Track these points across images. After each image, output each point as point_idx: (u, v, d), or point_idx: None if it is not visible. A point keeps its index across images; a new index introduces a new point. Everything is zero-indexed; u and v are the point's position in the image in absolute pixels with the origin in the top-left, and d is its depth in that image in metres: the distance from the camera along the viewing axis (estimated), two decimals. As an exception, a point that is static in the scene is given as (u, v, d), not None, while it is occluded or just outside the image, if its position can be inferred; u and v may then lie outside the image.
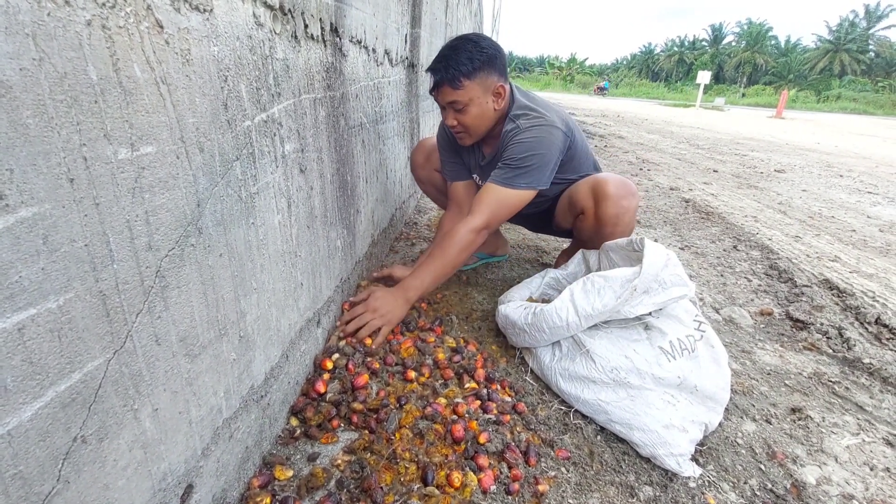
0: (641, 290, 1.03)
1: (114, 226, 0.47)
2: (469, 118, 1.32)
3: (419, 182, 1.84)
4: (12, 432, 0.38)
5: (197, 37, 0.57)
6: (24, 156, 0.37)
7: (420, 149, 1.75)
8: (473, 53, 1.24)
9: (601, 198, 1.36)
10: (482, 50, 1.25)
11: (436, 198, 1.87)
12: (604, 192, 1.36)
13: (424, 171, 1.76)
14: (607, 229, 1.38)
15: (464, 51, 1.24)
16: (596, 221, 1.40)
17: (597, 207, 1.38)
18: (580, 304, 1.09)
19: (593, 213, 1.39)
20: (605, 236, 1.39)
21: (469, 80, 1.25)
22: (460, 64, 1.23)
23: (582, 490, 0.90)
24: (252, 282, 0.76)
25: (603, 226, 1.38)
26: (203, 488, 0.67)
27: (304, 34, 0.89)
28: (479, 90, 1.28)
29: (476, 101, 1.29)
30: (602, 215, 1.37)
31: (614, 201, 1.35)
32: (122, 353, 0.49)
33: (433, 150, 1.70)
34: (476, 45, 1.25)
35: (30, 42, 0.37)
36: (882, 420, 1.14)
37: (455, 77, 1.24)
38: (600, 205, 1.36)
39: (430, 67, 1.29)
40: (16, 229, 0.37)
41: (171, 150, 0.54)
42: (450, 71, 1.24)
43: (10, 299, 0.37)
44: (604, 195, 1.35)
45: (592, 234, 1.43)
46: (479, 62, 1.25)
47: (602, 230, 1.39)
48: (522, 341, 1.24)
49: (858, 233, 2.69)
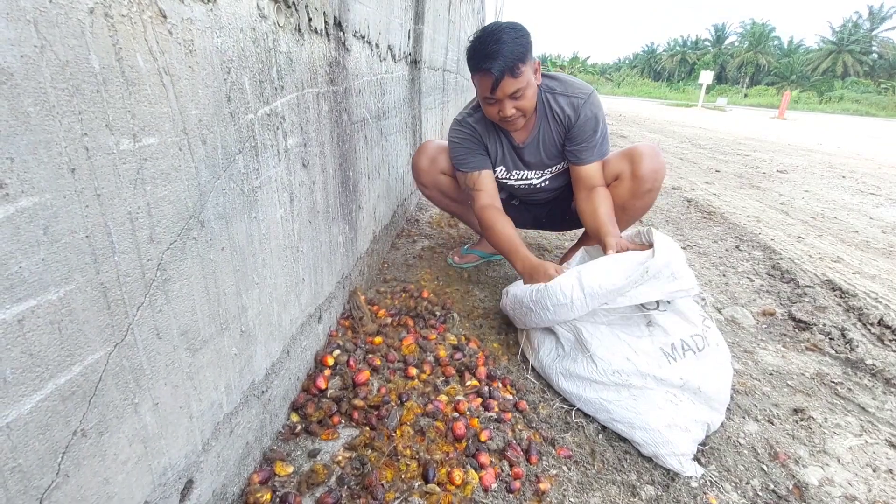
0: (653, 273, 1.02)
1: (115, 217, 0.46)
2: (527, 101, 1.32)
3: (422, 187, 1.75)
4: (11, 425, 0.38)
5: (200, 27, 0.56)
6: (25, 145, 0.37)
7: (423, 152, 1.68)
8: (518, 38, 1.23)
9: (638, 158, 1.43)
10: (522, 34, 1.25)
11: (439, 201, 1.78)
12: (639, 152, 1.44)
13: (429, 176, 1.68)
14: (646, 185, 1.44)
15: (508, 40, 1.22)
16: (633, 181, 1.45)
17: (634, 168, 1.44)
18: (587, 282, 1.06)
19: (630, 174, 1.45)
20: (642, 194, 1.46)
21: (524, 64, 1.26)
22: (514, 52, 1.22)
23: (583, 489, 0.89)
24: (254, 276, 0.76)
25: (642, 182, 1.44)
26: (203, 483, 0.67)
27: (307, 27, 0.89)
28: (531, 71, 1.30)
29: (531, 83, 1.30)
30: (641, 173, 1.43)
31: (651, 158, 1.42)
32: (122, 347, 0.49)
33: (438, 152, 1.65)
34: (515, 31, 1.24)
35: (31, 29, 0.36)
36: (884, 421, 1.14)
37: (515, 66, 1.23)
38: (639, 164, 1.42)
39: (482, 65, 1.24)
40: (16, 219, 0.37)
41: (173, 141, 0.53)
42: (508, 62, 1.22)
43: (10, 290, 0.37)
44: (640, 155, 1.43)
45: (629, 196, 1.47)
46: (526, 45, 1.25)
47: (640, 187, 1.44)
48: (528, 321, 1.21)
49: (861, 234, 2.68)
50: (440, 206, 1.83)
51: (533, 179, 1.57)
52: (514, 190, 1.64)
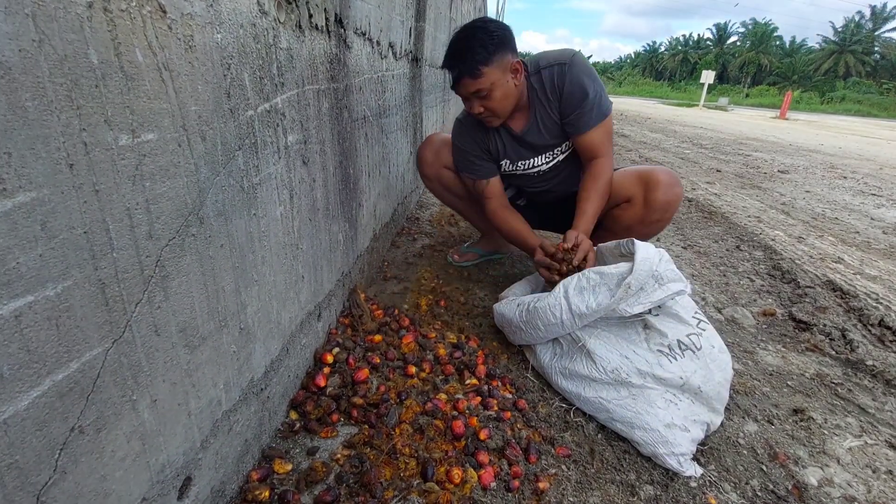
0: (636, 288, 1.02)
1: (114, 213, 0.46)
2: (494, 102, 1.31)
3: (426, 179, 1.77)
4: (8, 421, 0.38)
5: (200, 23, 0.56)
6: (23, 139, 0.36)
7: (429, 145, 1.69)
8: (485, 39, 1.23)
9: (653, 185, 1.39)
10: (491, 34, 1.24)
11: (442, 195, 1.79)
12: (656, 179, 1.39)
13: (433, 168, 1.70)
14: (655, 216, 1.41)
15: (475, 39, 1.23)
16: (645, 208, 1.42)
17: (647, 194, 1.40)
18: (574, 302, 1.07)
19: (642, 200, 1.42)
20: (650, 223, 1.43)
21: (486, 66, 1.24)
22: (475, 53, 1.23)
23: (582, 488, 0.89)
24: (253, 273, 0.75)
25: (652, 212, 1.41)
26: (202, 481, 0.67)
27: (308, 24, 0.88)
28: (498, 72, 1.27)
29: (497, 83, 1.28)
30: (653, 201, 1.40)
31: (666, 188, 1.38)
32: (120, 343, 0.48)
33: (442, 146, 1.66)
34: (485, 31, 1.24)
35: (30, 22, 0.36)
36: (885, 422, 1.14)
37: (473, 67, 1.24)
38: (652, 192, 1.39)
39: (446, 63, 1.29)
40: (13, 214, 0.37)
41: (172, 137, 0.53)
42: (466, 62, 1.24)
43: (8, 286, 0.37)
44: (657, 182, 1.39)
45: (635, 221, 1.45)
46: (493, 46, 1.24)
47: (650, 216, 1.42)
48: (521, 339, 1.23)
49: (862, 234, 2.67)
50: (441, 198, 1.83)
51: (542, 165, 1.51)
52: (521, 182, 1.61)
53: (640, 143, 6.42)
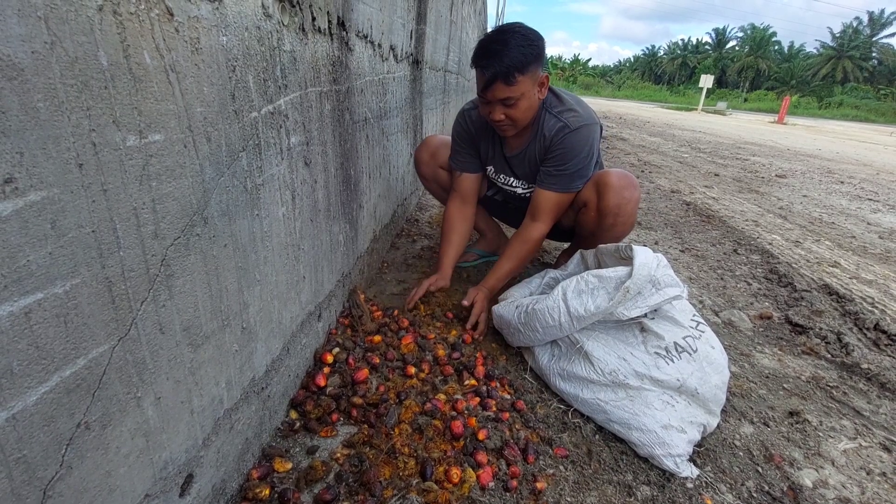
0: (634, 292, 1.03)
1: (121, 213, 0.47)
2: (518, 112, 1.26)
3: (423, 179, 1.82)
4: (17, 416, 0.38)
5: (206, 26, 0.57)
6: (34, 139, 0.37)
7: (425, 146, 1.73)
8: (525, 47, 1.17)
9: (603, 189, 1.37)
10: (531, 42, 1.18)
11: (439, 195, 1.85)
12: (606, 182, 1.36)
13: (429, 168, 1.74)
14: (608, 220, 1.39)
15: (514, 45, 1.17)
16: (598, 213, 1.40)
17: (599, 199, 1.38)
18: (573, 305, 1.08)
19: (595, 204, 1.40)
20: (607, 228, 1.40)
21: (522, 75, 1.19)
22: (514, 59, 1.17)
23: (580, 488, 0.90)
24: (255, 273, 0.76)
25: (604, 217, 1.39)
26: (203, 478, 0.67)
27: (311, 27, 0.89)
28: (530, 83, 1.22)
29: (527, 94, 1.24)
30: (604, 206, 1.37)
31: (616, 192, 1.35)
32: (126, 341, 0.49)
33: (439, 147, 1.69)
34: (524, 38, 1.18)
35: (42, 25, 0.37)
36: (879, 425, 1.15)
37: (510, 73, 1.18)
38: (603, 196, 1.37)
39: (479, 63, 1.21)
40: (24, 213, 0.37)
41: (178, 138, 0.54)
42: (504, 66, 1.17)
43: (18, 283, 0.37)
44: (606, 186, 1.36)
45: (594, 227, 1.44)
46: (532, 56, 1.18)
47: (604, 221, 1.40)
48: (519, 340, 1.24)
49: (858, 239, 2.69)
50: (439, 199, 1.87)
51: (518, 189, 1.55)
52: (502, 192, 1.66)
53: (638, 146, 6.45)
